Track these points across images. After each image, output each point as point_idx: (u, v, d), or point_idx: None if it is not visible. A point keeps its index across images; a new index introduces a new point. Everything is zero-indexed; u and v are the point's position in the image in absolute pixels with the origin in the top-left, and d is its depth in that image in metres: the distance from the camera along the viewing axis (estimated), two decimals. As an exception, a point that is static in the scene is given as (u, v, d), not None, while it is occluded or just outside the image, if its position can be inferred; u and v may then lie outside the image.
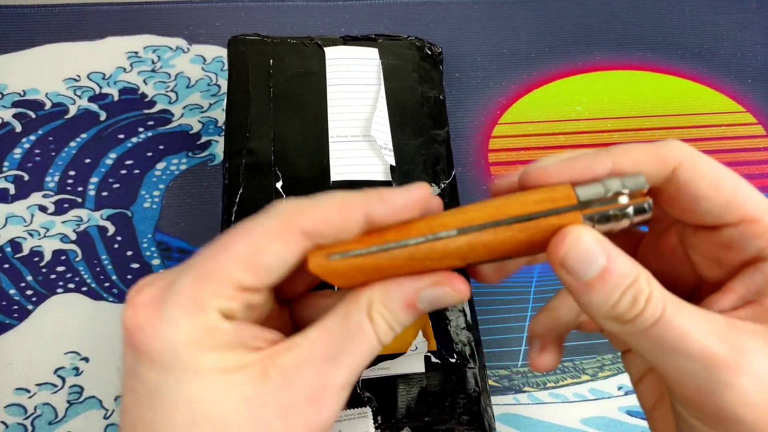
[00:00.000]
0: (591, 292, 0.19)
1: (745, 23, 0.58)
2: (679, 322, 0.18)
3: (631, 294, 0.18)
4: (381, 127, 0.41)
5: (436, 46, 0.48)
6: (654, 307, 0.18)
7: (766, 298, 0.19)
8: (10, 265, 0.42)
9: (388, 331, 0.21)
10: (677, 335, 0.18)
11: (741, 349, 0.18)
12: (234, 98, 0.42)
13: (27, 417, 0.37)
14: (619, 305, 0.19)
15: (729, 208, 0.20)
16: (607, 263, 0.19)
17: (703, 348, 0.18)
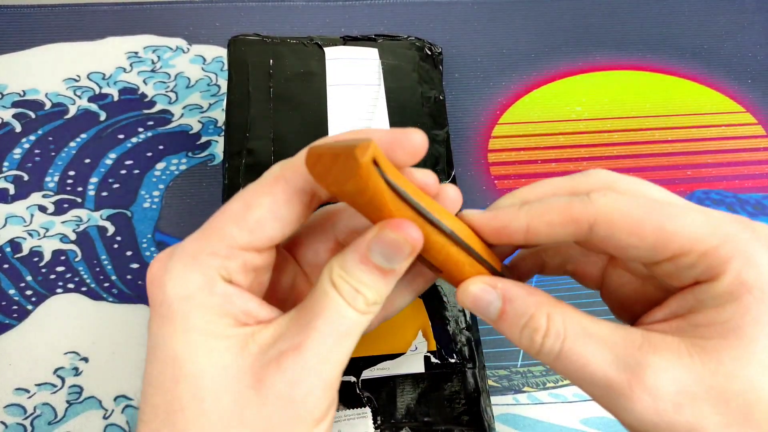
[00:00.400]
0: (500, 328, 0.22)
1: (744, 23, 0.58)
2: (578, 354, 0.20)
3: (527, 332, 0.21)
4: (381, 127, 0.41)
5: (436, 46, 0.48)
6: (552, 343, 0.20)
7: (691, 314, 0.20)
8: (9, 265, 0.42)
9: (353, 293, 0.21)
10: (578, 366, 0.20)
11: (644, 368, 0.19)
12: (234, 98, 0.42)
13: (26, 417, 0.37)
14: (521, 341, 0.21)
15: (656, 249, 0.20)
16: (503, 305, 0.21)
17: (602, 377, 0.20)
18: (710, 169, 0.49)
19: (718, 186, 0.49)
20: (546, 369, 0.41)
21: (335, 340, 0.20)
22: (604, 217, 0.20)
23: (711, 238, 0.20)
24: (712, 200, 0.48)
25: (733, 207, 0.48)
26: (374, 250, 0.21)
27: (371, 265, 0.21)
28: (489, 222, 0.22)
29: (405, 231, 0.20)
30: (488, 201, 0.47)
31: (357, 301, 0.21)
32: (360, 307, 0.21)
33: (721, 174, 0.49)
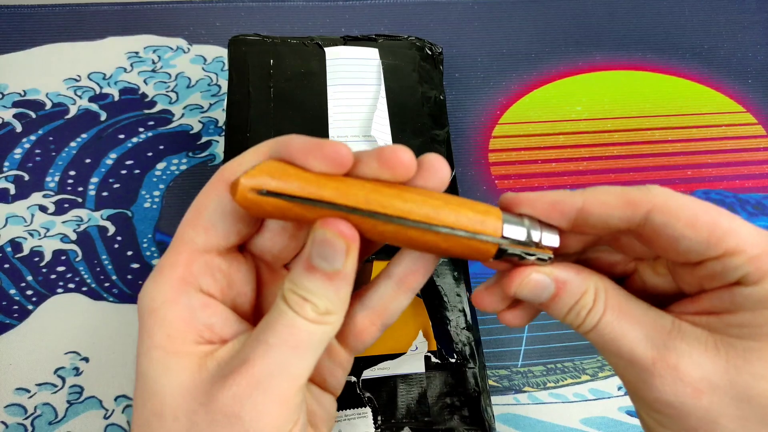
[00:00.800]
0: (548, 310, 0.23)
1: (745, 23, 0.58)
2: (610, 329, 0.21)
3: (576, 310, 0.22)
4: (381, 127, 0.41)
5: (436, 46, 0.48)
6: (592, 317, 0.22)
7: (726, 313, 0.21)
8: (10, 265, 0.42)
9: (301, 302, 0.20)
10: (607, 339, 0.21)
11: (670, 351, 0.21)
12: (234, 98, 0.42)
13: (27, 417, 0.37)
14: (566, 317, 0.22)
15: (709, 244, 0.20)
16: (556, 290, 0.22)
17: (629, 351, 0.21)
18: (710, 169, 0.49)
19: (719, 186, 0.49)
20: (546, 369, 0.41)
21: (285, 353, 0.20)
22: (662, 205, 0.21)
23: (762, 243, 0.20)
24: (712, 200, 0.48)
25: (734, 207, 0.48)
26: (313, 254, 0.20)
27: (315, 271, 0.20)
28: (542, 197, 0.22)
29: (332, 226, 0.20)
30: (489, 201, 0.47)
31: (305, 311, 0.20)
32: (310, 315, 0.20)
33: (721, 174, 0.49)
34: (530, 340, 0.41)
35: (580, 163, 0.49)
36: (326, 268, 0.20)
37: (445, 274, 0.37)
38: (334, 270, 0.20)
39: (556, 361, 0.41)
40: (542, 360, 0.41)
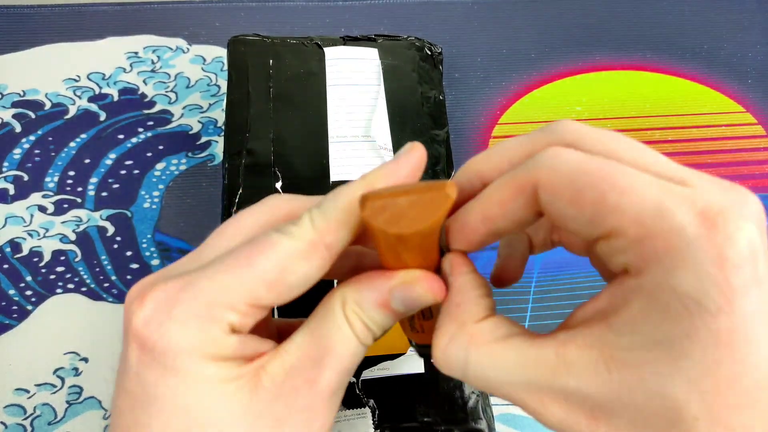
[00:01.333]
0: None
1: (744, 23, 0.58)
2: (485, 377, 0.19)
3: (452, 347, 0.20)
4: (381, 128, 0.41)
5: (435, 46, 0.48)
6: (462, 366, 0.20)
7: (616, 315, 0.18)
8: (9, 265, 0.42)
9: (364, 330, 0.21)
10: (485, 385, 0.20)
11: (555, 390, 0.18)
12: (234, 98, 0.42)
13: (26, 417, 0.37)
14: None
15: (592, 223, 0.17)
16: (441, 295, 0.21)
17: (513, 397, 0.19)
18: (710, 169, 0.49)
19: (719, 186, 0.49)
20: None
21: (345, 375, 0.21)
22: (545, 181, 0.18)
23: (654, 222, 0.16)
24: (712, 200, 0.48)
25: (734, 207, 0.48)
26: (396, 297, 0.20)
27: (389, 310, 0.21)
28: (456, 233, 0.21)
29: (435, 287, 0.20)
30: (488, 201, 0.47)
31: (367, 338, 0.21)
32: (367, 342, 0.21)
33: (721, 174, 0.49)
34: (530, 340, 0.41)
35: (579, 163, 0.49)
36: (400, 311, 0.21)
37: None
38: (405, 313, 0.21)
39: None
40: (542, 360, 0.41)
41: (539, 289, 0.43)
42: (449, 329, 0.20)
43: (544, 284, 0.43)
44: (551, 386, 0.18)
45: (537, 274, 0.44)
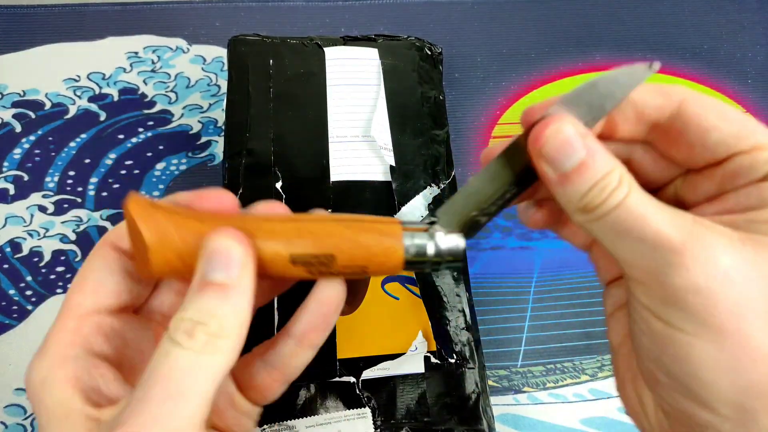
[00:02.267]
0: (567, 184, 0.20)
1: (744, 23, 0.58)
2: (637, 208, 0.19)
3: (600, 185, 0.19)
4: (381, 128, 0.41)
5: (435, 47, 0.48)
6: (617, 194, 0.19)
7: (750, 210, 0.19)
8: (9, 265, 0.42)
9: (189, 329, 0.18)
10: (633, 218, 0.19)
11: (697, 238, 0.18)
12: (234, 98, 0.42)
13: (26, 417, 0.37)
14: (588, 194, 0.19)
15: (740, 135, 0.19)
16: (586, 157, 0.19)
17: (656, 231, 0.18)
18: (710, 169, 0.49)
19: (718, 186, 0.49)
20: (546, 369, 0.41)
21: (163, 406, 0.18)
22: (695, 96, 0.20)
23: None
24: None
25: (733, 207, 0.48)
26: (205, 268, 0.19)
27: (208, 287, 0.19)
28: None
29: (225, 233, 0.19)
30: (488, 201, 0.47)
31: (194, 339, 0.18)
32: (198, 343, 0.18)
33: (721, 174, 0.49)
34: (530, 340, 0.41)
35: (579, 164, 0.49)
36: (220, 279, 0.19)
37: (445, 275, 0.37)
38: (230, 281, 0.19)
39: (555, 361, 0.41)
40: (542, 360, 0.41)
41: (539, 289, 0.43)
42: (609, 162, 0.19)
43: (544, 284, 0.43)
44: (692, 231, 0.19)
45: (537, 275, 0.44)
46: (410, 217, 0.38)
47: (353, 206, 0.38)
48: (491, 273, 0.44)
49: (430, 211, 0.39)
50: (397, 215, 0.38)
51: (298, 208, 0.38)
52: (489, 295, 0.43)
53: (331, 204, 0.38)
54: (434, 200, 0.39)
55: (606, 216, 0.19)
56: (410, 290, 0.37)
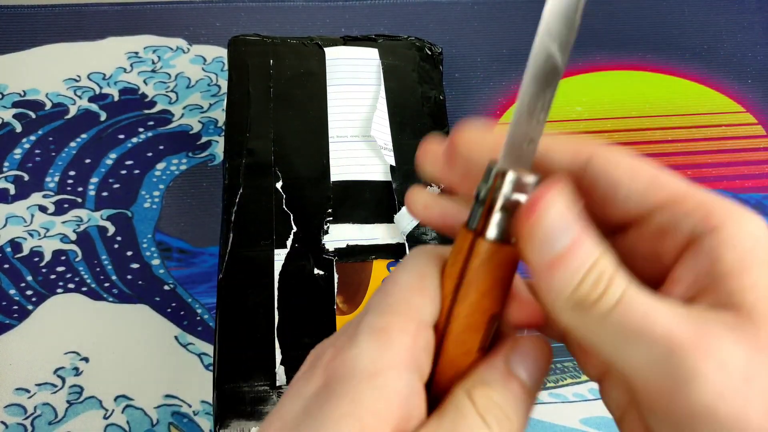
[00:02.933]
0: (555, 273, 0.16)
1: (744, 23, 0.58)
2: (640, 303, 0.16)
3: (594, 275, 0.16)
4: (381, 128, 0.41)
5: (436, 47, 0.48)
6: (615, 288, 0.16)
7: (716, 279, 0.16)
8: (10, 265, 0.42)
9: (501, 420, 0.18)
10: (638, 317, 0.16)
11: (706, 333, 0.15)
12: (234, 98, 0.42)
13: (27, 417, 0.37)
14: (581, 287, 0.16)
15: (650, 190, 0.18)
16: (576, 239, 0.16)
17: (667, 331, 0.15)
18: (710, 169, 0.49)
19: (719, 186, 0.49)
20: (546, 369, 0.41)
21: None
22: (603, 151, 0.18)
23: (703, 194, 0.17)
24: (712, 200, 0.48)
25: (734, 207, 0.48)
26: (515, 362, 0.18)
27: (515, 381, 0.18)
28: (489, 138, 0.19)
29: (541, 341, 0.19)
30: (488, 201, 0.47)
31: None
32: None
33: (721, 174, 0.49)
34: (530, 340, 0.41)
35: (580, 163, 0.49)
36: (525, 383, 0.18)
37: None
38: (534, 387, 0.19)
39: (555, 360, 0.41)
40: (542, 360, 0.41)
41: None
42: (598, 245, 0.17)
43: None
44: (698, 319, 0.16)
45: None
46: (410, 218, 0.38)
47: (353, 206, 0.38)
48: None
49: None
50: (397, 215, 0.38)
51: (299, 208, 0.38)
52: (489, 295, 0.43)
53: (331, 204, 0.38)
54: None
55: (606, 317, 0.16)
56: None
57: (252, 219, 0.38)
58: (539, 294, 0.18)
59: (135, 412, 0.38)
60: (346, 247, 0.37)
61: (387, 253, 0.37)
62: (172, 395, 0.38)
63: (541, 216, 0.16)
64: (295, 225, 0.37)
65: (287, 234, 0.37)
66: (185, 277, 0.42)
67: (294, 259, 0.36)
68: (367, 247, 0.37)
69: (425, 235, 0.38)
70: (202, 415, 0.38)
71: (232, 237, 0.37)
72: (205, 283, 0.42)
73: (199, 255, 0.43)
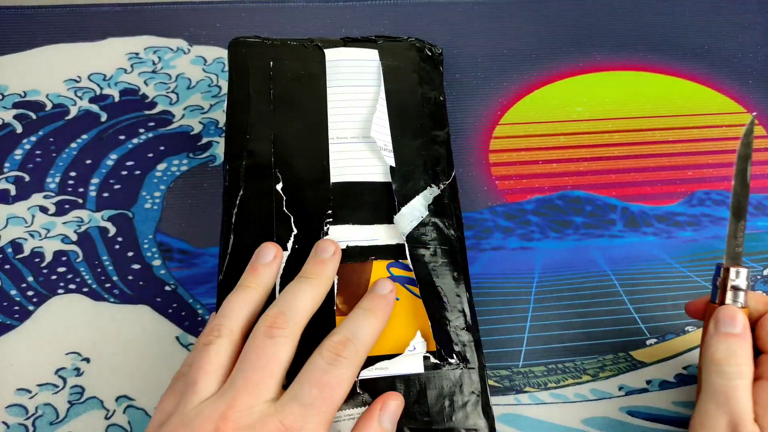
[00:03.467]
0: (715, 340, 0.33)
1: (745, 24, 0.58)
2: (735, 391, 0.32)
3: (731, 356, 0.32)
4: (381, 129, 0.41)
5: (436, 47, 0.48)
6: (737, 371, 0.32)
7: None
8: (11, 265, 0.42)
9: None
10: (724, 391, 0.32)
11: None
12: (234, 100, 0.42)
13: (28, 417, 0.38)
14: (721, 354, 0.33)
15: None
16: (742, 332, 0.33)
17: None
18: (711, 170, 0.49)
19: (719, 186, 0.49)
20: (547, 369, 0.41)
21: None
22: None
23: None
24: (713, 201, 0.48)
25: (734, 207, 0.48)
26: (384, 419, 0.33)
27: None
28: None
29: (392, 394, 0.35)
30: (489, 201, 0.47)
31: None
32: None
33: (722, 174, 0.49)
34: (531, 340, 0.41)
35: (580, 164, 0.49)
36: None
37: (445, 275, 0.37)
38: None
39: (557, 361, 0.41)
40: (543, 360, 0.41)
41: (540, 289, 0.43)
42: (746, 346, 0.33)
43: (546, 284, 0.43)
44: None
45: (538, 275, 0.44)
46: (410, 218, 0.38)
47: (354, 208, 0.38)
48: (492, 273, 0.44)
49: (430, 212, 0.39)
50: (396, 216, 0.38)
51: (299, 210, 0.38)
52: (490, 296, 0.43)
53: (331, 205, 0.38)
54: (434, 201, 0.39)
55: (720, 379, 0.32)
56: (410, 290, 0.37)
57: (252, 221, 0.38)
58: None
59: (136, 412, 0.38)
60: (346, 248, 0.37)
61: (387, 254, 0.37)
62: (173, 396, 0.38)
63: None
64: (295, 227, 0.37)
65: (288, 236, 0.37)
66: (186, 278, 0.43)
67: (295, 261, 0.36)
68: (367, 248, 0.37)
69: (425, 236, 0.38)
70: (202, 415, 0.38)
71: (232, 239, 0.37)
72: (206, 284, 0.42)
73: (200, 255, 0.43)
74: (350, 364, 0.31)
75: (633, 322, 0.42)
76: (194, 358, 0.31)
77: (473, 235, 0.45)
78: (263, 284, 0.34)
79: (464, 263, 0.38)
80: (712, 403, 0.31)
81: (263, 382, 0.29)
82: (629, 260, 0.45)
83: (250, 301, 0.33)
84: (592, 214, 0.47)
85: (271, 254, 0.35)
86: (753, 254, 0.45)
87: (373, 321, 0.33)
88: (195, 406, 0.29)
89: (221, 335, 0.31)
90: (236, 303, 0.33)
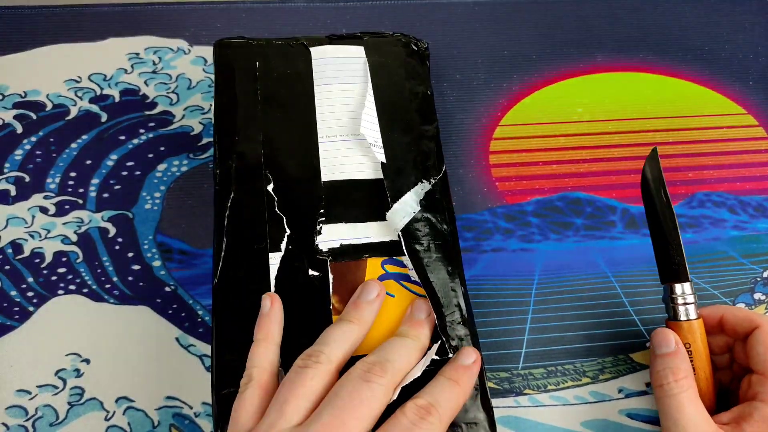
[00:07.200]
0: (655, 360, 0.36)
1: (746, 25, 0.58)
2: (687, 405, 0.34)
3: (670, 372, 0.35)
4: (370, 125, 0.41)
5: (422, 42, 0.47)
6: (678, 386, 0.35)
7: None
8: (11, 266, 0.42)
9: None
10: (676, 409, 0.34)
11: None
12: (221, 102, 0.41)
13: (28, 418, 0.38)
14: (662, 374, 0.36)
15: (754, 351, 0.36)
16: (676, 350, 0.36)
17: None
18: (711, 171, 0.49)
19: (720, 188, 0.49)
20: (547, 371, 0.41)
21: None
22: (765, 326, 0.36)
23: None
24: (713, 202, 0.48)
25: (735, 209, 0.48)
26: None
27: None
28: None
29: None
30: (489, 202, 0.47)
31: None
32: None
33: (722, 176, 0.49)
34: (531, 342, 0.41)
35: (581, 165, 0.49)
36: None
37: (439, 269, 0.37)
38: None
39: (556, 363, 0.41)
40: (543, 362, 0.41)
41: (540, 291, 0.43)
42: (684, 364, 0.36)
43: (546, 286, 0.43)
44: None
45: (538, 277, 0.44)
46: (402, 214, 0.38)
47: (345, 205, 0.38)
48: (492, 275, 0.44)
49: (422, 207, 0.38)
50: (389, 212, 0.38)
51: (290, 210, 0.38)
52: (490, 297, 0.43)
53: (323, 204, 0.38)
54: (426, 196, 0.39)
55: (664, 397, 0.35)
56: (405, 287, 0.37)
57: (245, 223, 0.37)
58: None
59: (136, 413, 0.38)
60: (339, 247, 0.37)
61: (381, 251, 0.37)
62: (174, 397, 0.39)
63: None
64: (288, 227, 0.37)
65: (281, 237, 0.37)
66: (186, 279, 0.43)
67: (289, 262, 0.36)
68: (361, 245, 0.37)
69: (419, 231, 0.38)
70: (203, 416, 0.38)
71: (225, 242, 0.37)
72: (206, 285, 0.42)
73: (200, 256, 0.43)
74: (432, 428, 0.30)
75: (633, 324, 0.42)
76: (289, 377, 0.31)
77: (473, 236, 0.45)
78: (365, 321, 0.34)
79: (458, 257, 0.38)
80: (669, 422, 0.34)
81: (349, 424, 0.29)
82: (629, 262, 0.45)
83: (350, 335, 0.33)
84: (592, 216, 0.47)
85: (375, 292, 0.35)
86: (753, 256, 0.45)
87: (458, 391, 0.32)
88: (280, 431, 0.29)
89: (320, 362, 0.31)
90: (338, 334, 0.33)
